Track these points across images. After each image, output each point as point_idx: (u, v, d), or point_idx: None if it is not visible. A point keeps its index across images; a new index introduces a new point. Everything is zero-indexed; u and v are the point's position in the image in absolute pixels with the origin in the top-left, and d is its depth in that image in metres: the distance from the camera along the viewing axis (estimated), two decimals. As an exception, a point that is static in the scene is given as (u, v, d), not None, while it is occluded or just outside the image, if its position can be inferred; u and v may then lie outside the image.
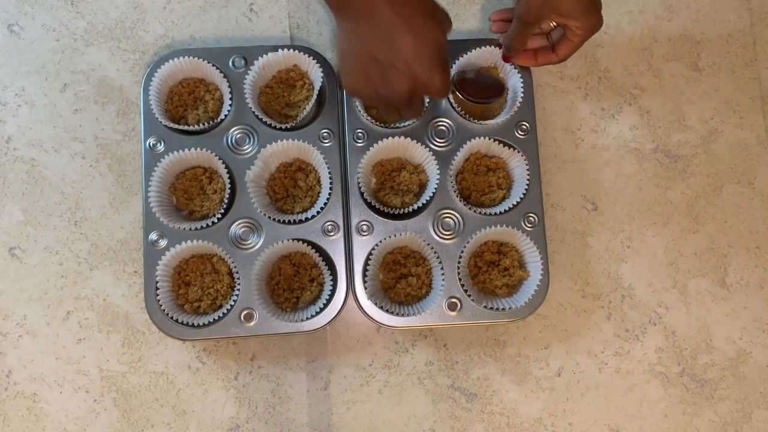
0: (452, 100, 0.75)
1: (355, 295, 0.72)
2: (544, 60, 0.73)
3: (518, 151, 0.75)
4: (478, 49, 0.75)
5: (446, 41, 0.58)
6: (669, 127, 0.82)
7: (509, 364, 0.76)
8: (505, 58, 0.74)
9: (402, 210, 0.73)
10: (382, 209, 0.73)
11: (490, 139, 0.74)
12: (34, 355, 0.74)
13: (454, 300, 0.72)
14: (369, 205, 0.73)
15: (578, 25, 0.67)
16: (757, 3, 0.85)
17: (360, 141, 0.75)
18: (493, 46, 0.76)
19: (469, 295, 0.72)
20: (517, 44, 0.71)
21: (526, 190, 0.74)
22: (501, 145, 0.75)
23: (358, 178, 0.72)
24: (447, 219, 0.74)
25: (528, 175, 0.74)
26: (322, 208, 0.73)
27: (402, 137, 0.73)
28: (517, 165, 0.75)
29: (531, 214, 0.74)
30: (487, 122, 0.75)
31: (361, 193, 0.73)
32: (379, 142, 0.73)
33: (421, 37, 0.55)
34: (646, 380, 0.77)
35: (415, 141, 0.74)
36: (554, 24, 0.71)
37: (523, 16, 0.68)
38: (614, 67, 0.83)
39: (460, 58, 0.75)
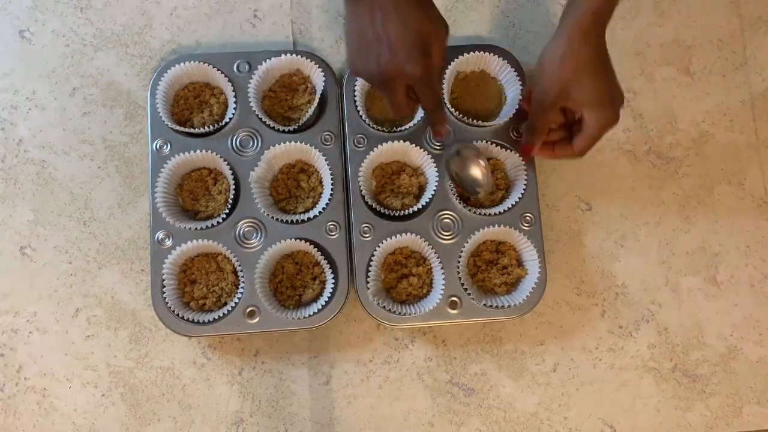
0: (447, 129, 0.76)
1: (357, 293, 0.74)
2: (562, 153, 0.72)
3: (515, 153, 0.76)
4: (473, 53, 0.77)
5: (439, 43, 0.61)
6: (661, 130, 0.84)
7: (506, 360, 0.78)
8: (525, 150, 0.74)
9: (402, 212, 0.75)
10: (382, 211, 0.75)
11: (487, 141, 0.76)
12: (44, 351, 0.76)
13: (454, 299, 0.74)
14: (370, 207, 0.75)
15: (591, 116, 0.66)
16: (746, 9, 0.87)
17: (360, 146, 0.77)
18: (487, 53, 0.78)
19: (469, 294, 0.74)
20: (536, 129, 0.71)
21: (524, 190, 0.76)
22: (498, 147, 0.77)
23: (359, 181, 0.74)
24: (446, 220, 0.76)
25: (525, 176, 0.75)
26: (324, 208, 0.75)
27: (401, 141, 0.75)
28: (514, 166, 0.77)
29: (528, 214, 0.76)
30: (484, 124, 0.77)
31: (362, 196, 0.75)
32: (379, 146, 0.75)
33: (407, 24, 0.59)
34: (639, 376, 0.78)
35: (413, 144, 0.75)
36: (577, 116, 0.69)
37: (540, 100, 0.68)
38: (608, 72, 0.84)
39: (455, 61, 0.77)
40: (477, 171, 0.72)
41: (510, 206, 0.75)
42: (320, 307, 0.73)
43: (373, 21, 0.59)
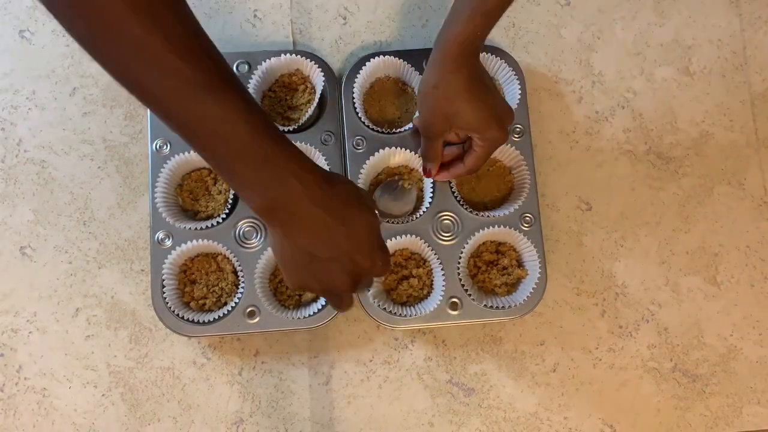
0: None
1: (356, 294, 0.74)
2: (455, 171, 0.70)
3: (514, 147, 0.76)
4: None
5: (378, 224, 0.58)
6: (661, 130, 0.84)
7: (506, 360, 0.78)
8: (426, 173, 0.72)
9: (401, 221, 0.75)
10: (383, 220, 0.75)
11: None
12: (43, 351, 0.76)
13: (455, 300, 0.74)
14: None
15: (477, 138, 0.66)
16: (746, 9, 0.87)
17: (359, 148, 0.77)
18: (485, 53, 0.77)
19: (470, 295, 0.74)
20: (429, 157, 0.70)
21: (527, 194, 0.76)
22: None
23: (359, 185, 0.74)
24: (446, 221, 0.76)
25: (528, 177, 0.76)
26: (323, 208, 0.75)
27: (400, 148, 0.75)
28: (516, 166, 0.77)
29: (527, 215, 0.76)
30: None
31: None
32: (375, 154, 0.75)
33: (354, 227, 0.54)
34: (639, 376, 0.78)
35: (410, 151, 0.75)
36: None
37: (424, 131, 0.68)
38: (608, 71, 0.85)
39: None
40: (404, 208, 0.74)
41: (514, 209, 0.75)
42: (320, 307, 0.73)
43: (318, 237, 0.53)
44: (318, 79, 0.77)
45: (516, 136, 0.78)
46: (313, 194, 0.50)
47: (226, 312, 0.73)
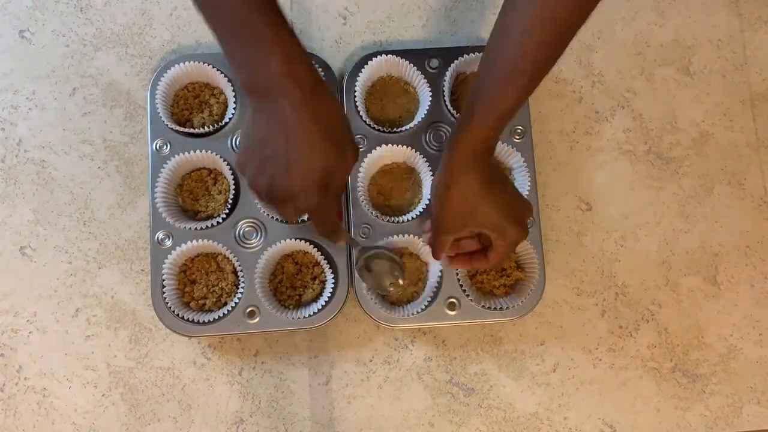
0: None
1: (356, 293, 0.74)
2: (478, 264, 0.69)
3: (515, 149, 0.76)
4: (474, 54, 0.77)
5: (343, 170, 0.56)
6: (661, 130, 0.84)
7: (506, 360, 0.78)
8: (434, 255, 0.70)
9: (400, 219, 0.75)
10: (381, 218, 0.75)
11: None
12: (44, 351, 0.76)
13: (452, 300, 0.74)
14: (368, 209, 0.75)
15: (497, 237, 0.64)
16: (746, 9, 0.87)
17: (361, 146, 0.77)
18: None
19: (468, 295, 0.74)
20: (437, 252, 0.69)
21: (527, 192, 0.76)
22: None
23: (359, 190, 0.74)
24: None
25: (529, 179, 0.75)
26: (323, 208, 0.75)
27: (399, 146, 0.75)
28: (518, 168, 0.77)
29: (527, 215, 0.76)
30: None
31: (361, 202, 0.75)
32: (374, 151, 0.75)
33: (312, 157, 0.53)
34: (639, 375, 0.78)
35: (410, 148, 0.75)
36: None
37: (437, 228, 0.67)
38: (608, 72, 0.85)
39: (455, 62, 0.77)
40: (389, 281, 0.71)
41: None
42: (320, 307, 0.73)
43: (275, 137, 0.53)
44: (318, 79, 0.77)
45: (516, 136, 0.78)
46: (293, 96, 0.51)
47: (226, 312, 0.73)
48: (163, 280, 0.72)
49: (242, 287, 0.73)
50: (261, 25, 0.50)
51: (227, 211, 0.75)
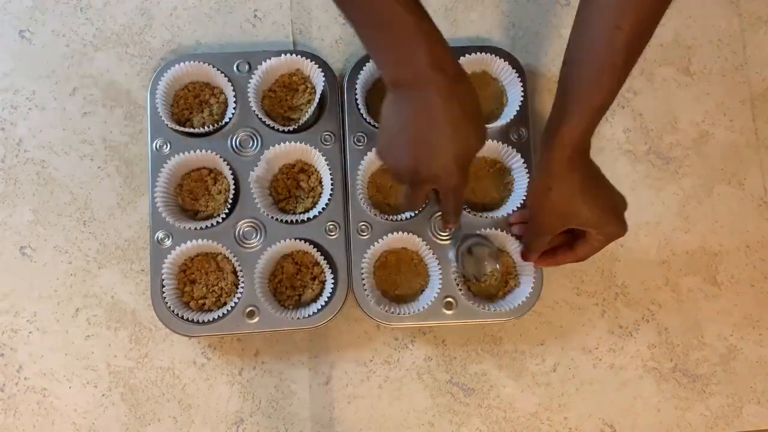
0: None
1: (355, 293, 0.74)
2: (564, 259, 0.70)
3: (516, 151, 0.76)
4: (474, 54, 0.77)
5: (474, 157, 0.59)
6: (661, 130, 0.84)
7: (506, 359, 0.78)
8: (525, 257, 0.73)
9: (399, 217, 0.75)
10: (380, 216, 0.75)
11: (495, 141, 0.76)
12: (44, 351, 0.76)
13: (450, 299, 0.74)
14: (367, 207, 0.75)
15: (598, 233, 0.65)
16: (746, 9, 0.87)
17: (360, 144, 0.77)
18: (488, 54, 0.77)
19: (464, 296, 0.74)
20: (532, 254, 0.71)
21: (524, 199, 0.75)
22: (499, 143, 0.76)
23: (358, 188, 0.74)
24: (444, 221, 0.76)
25: (528, 178, 0.75)
26: (323, 209, 0.75)
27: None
28: (518, 168, 0.77)
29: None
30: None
31: (360, 200, 0.75)
32: (372, 150, 0.74)
33: (456, 137, 0.55)
34: (639, 376, 0.78)
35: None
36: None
37: (536, 228, 0.67)
38: (608, 72, 0.84)
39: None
40: (490, 268, 0.74)
41: (512, 211, 0.75)
42: (320, 307, 0.73)
43: (420, 122, 0.55)
44: (318, 79, 0.77)
45: (516, 137, 0.78)
46: (439, 84, 0.53)
47: (226, 312, 0.73)
48: (163, 280, 0.72)
49: (242, 287, 0.73)
50: (403, 12, 0.51)
51: (227, 210, 0.75)
